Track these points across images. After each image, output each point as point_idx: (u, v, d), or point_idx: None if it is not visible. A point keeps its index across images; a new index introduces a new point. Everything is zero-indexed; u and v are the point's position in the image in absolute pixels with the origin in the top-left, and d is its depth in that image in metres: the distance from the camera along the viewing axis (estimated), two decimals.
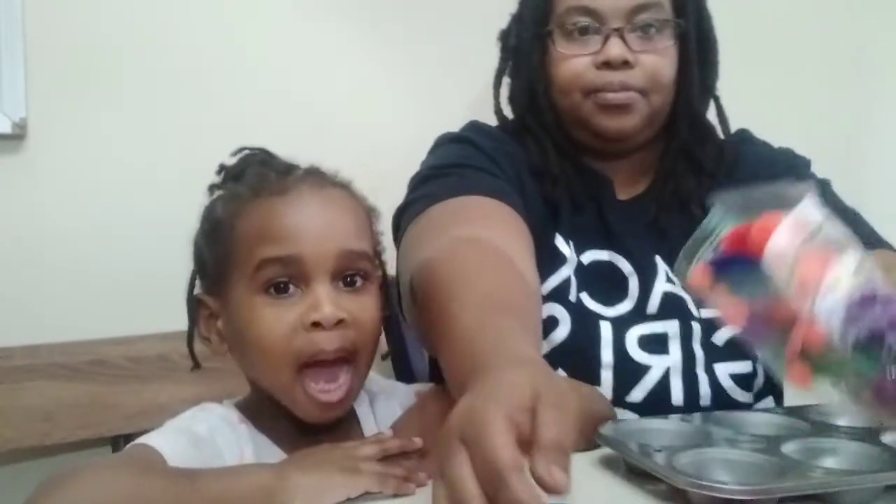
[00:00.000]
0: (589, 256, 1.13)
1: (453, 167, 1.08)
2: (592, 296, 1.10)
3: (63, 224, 1.34)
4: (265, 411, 0.84)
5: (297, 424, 0.83)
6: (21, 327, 1.26)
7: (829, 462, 0.76)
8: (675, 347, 1.07)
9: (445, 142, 1.18)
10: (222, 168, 0.89)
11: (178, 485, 0.68)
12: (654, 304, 1.10)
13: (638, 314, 1.09)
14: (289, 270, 0.79)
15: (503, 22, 1.25)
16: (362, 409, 0.91)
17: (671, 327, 1.08)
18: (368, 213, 0.89)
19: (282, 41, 1.49)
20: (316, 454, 0.76)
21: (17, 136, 1.32)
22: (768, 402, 1.11)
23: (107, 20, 1.38)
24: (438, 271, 0.84)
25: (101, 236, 1.35)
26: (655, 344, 1.07)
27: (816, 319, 0.65)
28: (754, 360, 1.08)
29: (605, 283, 1.11)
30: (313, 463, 0.74)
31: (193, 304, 0.87)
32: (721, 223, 0.70)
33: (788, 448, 0.77)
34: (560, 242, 1.11)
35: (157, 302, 0.86)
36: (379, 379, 0.96)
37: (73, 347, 1.24)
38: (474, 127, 1.20)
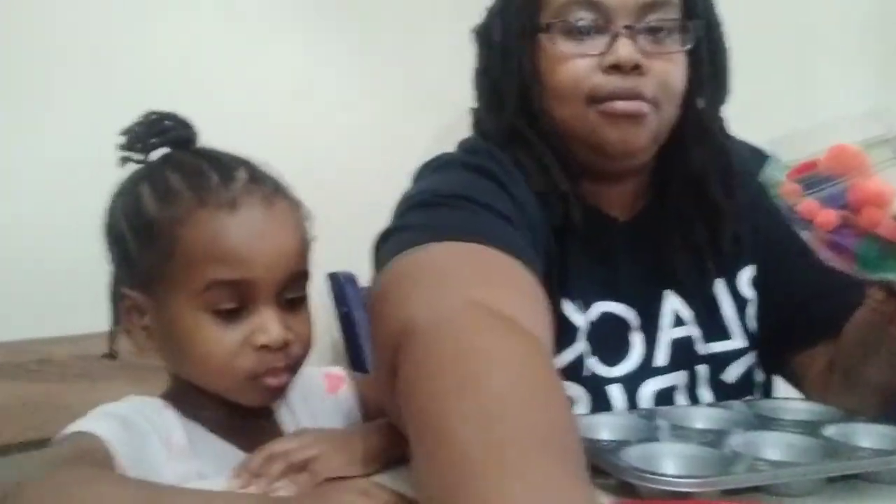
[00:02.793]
0: (596, 311, 1.01)
1: (468, 200, 0.87)
2: (602, 358, 1.00)
3: (7, 222, 1.32)
4: (191, 399, 0.84)
5: (224, 409, 0.83)
6: None
7: (773, 454, 0.77)
8: (681, 400, 1.03)
9: (458, 166, 0.97)
10: (133, 137, 0.83)
11: None
12: (661, 357, 1.03)
13: (645, 369, 1.02)
14: (238, 293, 0.78)
15: (453, 20, 1.23)
16: None
17: (679, 379, 1.03)
18: (304, 218, 0.87)
19: (223, 41, 1.49)
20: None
21: None
22: None
23: (38, 18, 1.36)
24: (443, 351, 0.61)
25: (46, 235, 1.33)
26: (666, 400, 1.02)
27: None
28: (761, 394, 1.08)
29: (611, 339, 1.01)
30: None
31: (117, 299, 0.84)
32: (780, 168, 0.74)
33: (734, 441, 0.79)
34: (569, 310, 0.99)
35: (103, 299, 0.85)
36: None
37: (19, 346, 1.23)
38: (490, 155, 0.98)
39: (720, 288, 1.06)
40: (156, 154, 0.85)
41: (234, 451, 0.83)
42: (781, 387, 1.13)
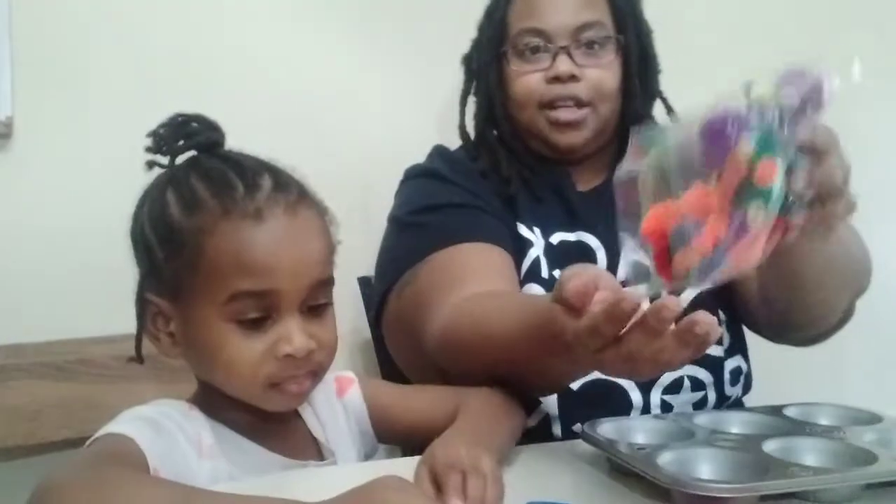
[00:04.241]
0: (557, 238, 1.22)
1: (428, 211, 1.19)
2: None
3: (48, 222, 1.34)
4: (218, 402, 0.84)
5: (250, 412, 0.84)
6: (6, 326, 1.26)
7: (810, 460, 0.77)
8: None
9: (413, 176, 1.29)
10: (160, 140, 0.84)
11: None
12: (622, 274, 1.09)
13: None
14: (263, 303, 0.78)
15: None
16: None
17: (640, 292, 1.09)
18: (329, 223, 0.86)
19: (271, 40, 1.49)
20: None
21: (2, 135, 1.32)
22: (737, 359, 1.20)
23: (94, 18, 1.38)
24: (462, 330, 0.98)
25: (86, 235, 1.34)
26: None
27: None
28: (719, 318, 1.16)
29: (575, 259, 1.16)
30: None
31: (143, 304, 0.84)
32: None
33: (769, 446, 0.78)
34: (523, 230, 1.21)
35: None
36: None
37: (59, 346, 1.24)
38: (438, 153, 1.31)
39: None
40: (182, 157, 0.84)
41: (262, 452, 0.84)
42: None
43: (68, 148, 1.36)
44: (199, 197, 0.80)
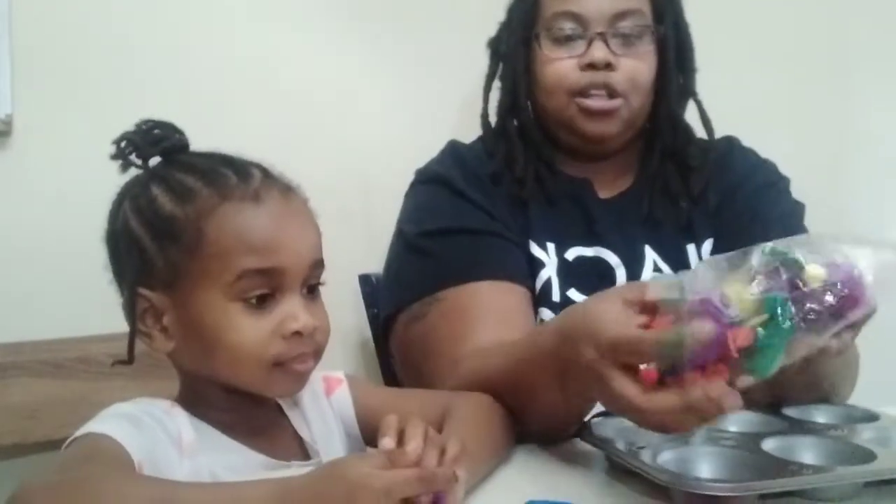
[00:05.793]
0: (573, 253, 1.17)
1: (440, 236, 1.13)
2: (581, 290, 1.14)
3: (48, 221, 1.34)
4: (202, 400, 0.84)
5: (236, 410, 0.84)
6: (5, 324, 1.26)
7: (809, 459, 0.77)
8: None
9: (425, 181, 1.23)
10: (130, 144, 0.85)
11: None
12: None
13: None
14: (268, 282, 0.80)
15: (492, 23, 1.26)
16: None
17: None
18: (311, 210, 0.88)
19: (271, 41, 1.49)
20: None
21: (2, 133, 1.32)
22: None
23: (94, 17, 1.38)
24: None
25: (86, 233, 1.34)
26: None
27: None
28: None
29: (593, 276, 1.15)
30: None
31: (132, 303, 0.84)
32: None
33: (768, 445, 0.78)
34: (535, 249, 1.17)
35: None
36: None
37: (58, 344, 1.24)
38: (452, 152, 1.25)
39: (691, 251, 1.21)
40: (153, 161, 0.86)
41: (245, 452, 0.83)
42: None
43: (68, 147, 1.35)
44: (190, 187, 0.81)
